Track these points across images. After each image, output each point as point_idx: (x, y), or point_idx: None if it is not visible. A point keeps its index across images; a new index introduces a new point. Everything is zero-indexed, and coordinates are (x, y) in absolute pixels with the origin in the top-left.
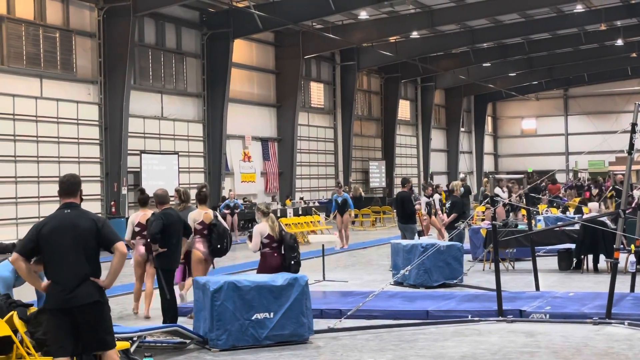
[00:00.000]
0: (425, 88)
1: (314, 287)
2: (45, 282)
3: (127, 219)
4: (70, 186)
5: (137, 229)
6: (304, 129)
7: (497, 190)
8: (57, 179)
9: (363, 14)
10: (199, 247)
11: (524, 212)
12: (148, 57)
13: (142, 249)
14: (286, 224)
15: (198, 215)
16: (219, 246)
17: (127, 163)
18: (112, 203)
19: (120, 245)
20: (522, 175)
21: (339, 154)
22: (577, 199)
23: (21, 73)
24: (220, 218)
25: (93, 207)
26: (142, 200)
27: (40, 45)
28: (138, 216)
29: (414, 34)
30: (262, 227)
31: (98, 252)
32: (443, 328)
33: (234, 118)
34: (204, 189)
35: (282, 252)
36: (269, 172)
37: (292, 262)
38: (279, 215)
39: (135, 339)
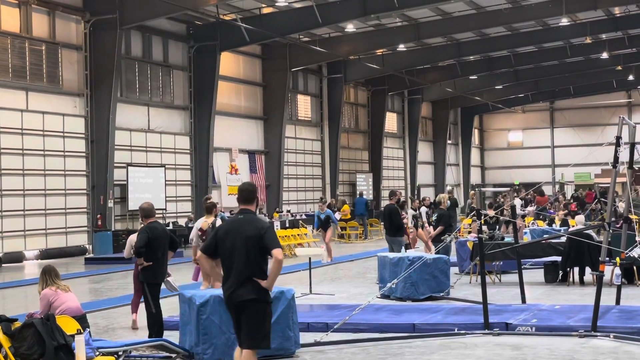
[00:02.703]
0: (412, 100)
1: (300, 300)
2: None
3: (113, 232)
4: (248, 194)
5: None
6: (290, 141)
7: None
8: (42, 191)
9: (350, 27)
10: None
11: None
12: (135, 70)
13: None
14: None
15: (203, 224)
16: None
17: (114, 176)
18: (99, 216)
19: (276, 252)
20: (509, 189)
21: (326, 167)
22: (564, 211)
23: (7, 86)
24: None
25: (79, 220)
26: (207, 208)
27: (26, 57)
28: (200, 222)
29: (401, 47)
30: (133, 237)
31: (262, 256)
32: (429, 341)
33: (221, 131)
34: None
35: None
36: (256, 184)
37: None
38: None
39: (120, 353)
